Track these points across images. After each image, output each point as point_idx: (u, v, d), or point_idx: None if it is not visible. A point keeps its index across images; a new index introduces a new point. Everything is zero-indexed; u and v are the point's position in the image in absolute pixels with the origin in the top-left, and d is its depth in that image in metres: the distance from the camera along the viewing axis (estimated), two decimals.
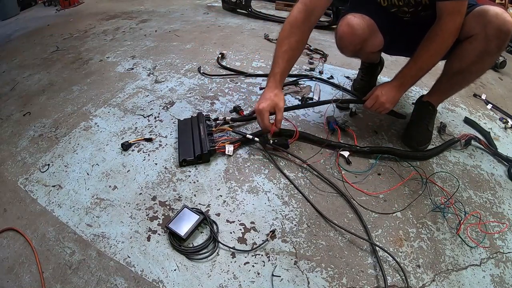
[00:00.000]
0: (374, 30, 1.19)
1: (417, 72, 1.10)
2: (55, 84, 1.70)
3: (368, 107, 1.20)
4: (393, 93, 1.14)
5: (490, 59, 1.07)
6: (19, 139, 1.33)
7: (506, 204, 1.09)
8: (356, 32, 1.15)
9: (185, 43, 2.14)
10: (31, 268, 0.86)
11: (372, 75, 1.57)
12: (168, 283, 0.83)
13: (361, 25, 1.15)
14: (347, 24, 1.15)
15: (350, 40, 1.18)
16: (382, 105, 1.16)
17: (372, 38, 1.20)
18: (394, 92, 1.14)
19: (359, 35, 1.16)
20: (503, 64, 2.01)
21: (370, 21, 1.17)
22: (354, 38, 1.17)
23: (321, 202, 1.04)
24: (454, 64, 1.12)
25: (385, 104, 1.15)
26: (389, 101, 1.15)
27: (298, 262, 0.89)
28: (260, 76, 1.71)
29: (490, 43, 1.00)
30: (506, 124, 1.48)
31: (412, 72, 1.11)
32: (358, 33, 1.15)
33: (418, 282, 0.85)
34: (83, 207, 1.02)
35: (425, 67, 1.08)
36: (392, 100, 1.15)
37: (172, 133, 1.31)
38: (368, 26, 1.17)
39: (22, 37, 2.45)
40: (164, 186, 1.09)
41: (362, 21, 1.15)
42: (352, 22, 1.14)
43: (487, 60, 1.06)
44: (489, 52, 1.02)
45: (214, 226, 0.96)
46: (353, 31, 1.15)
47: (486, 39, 0.99)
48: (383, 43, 1.24)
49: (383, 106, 1.16)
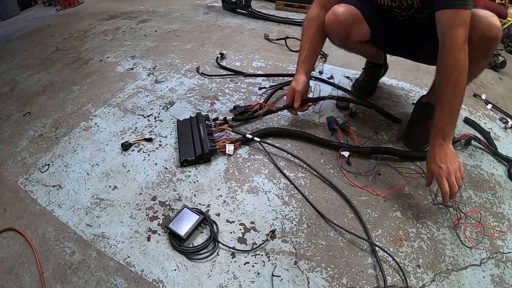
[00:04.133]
0: (359, 19, 1.22)
1: (451, 113, 0.96)
2: (55, 84, 1.71)
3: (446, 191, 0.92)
4: (445, 151, 0.96)
5: (477, 66, 1.02)
6: (19, 139, 1.33)
7: (506, 204, 1.09)
8: (339, 19, 1.19)
9: (185, 43, 2.14)
10: (31, 268, 0.86)
11: (375, 76, 1.58)
12: (168, 283, 0.83)
13: (345, 13, 1.18)
14: (332, 12, 1.20)
15: (334, 27, 1.21)
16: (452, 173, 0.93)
17: (357, 27, 1.23)
18: (445, 149, 0.96)
19: (342, 23, 1.19)
20: (503, 64, 2.00)
21: (355, 10, 1.21)
22: (338, 26, 1.20)
23: (321, 202, 1.04)
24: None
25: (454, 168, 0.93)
26: (452, 161, 0.95)
27: (298, 262, 0.89)
28: (259, 76, 1.71)
29: (474, 50, 0.94)
30: (506, 124, 1.48)
31: (445, 119, 0.96)
32: (341, 20, 1.18)
33: (418, 282, 0.85)
34: (83, 207, 1.02)
35: (455, 104, 0.95)
36: (453, 157, 0.96)
37: (172, 133, 1.31)
38: (352, 15, 1.20)
39: (22, 37, 2.45)
40: (164, 186, 1.09)
41: (346, 10, 1.19)
42: (336, 11, 1.19)
43: (475, 67, 0.98)
44: (475, 59, 0.95)
45: (214, 226, 0.96)
46: (336, 19, 1.19)
47: (470, 46, 0.92)
48: (369, 34, 1.26)
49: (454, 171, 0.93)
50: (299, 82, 1.26)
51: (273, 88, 1.58)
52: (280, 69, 1.81)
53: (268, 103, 1.40)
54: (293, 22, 2.54)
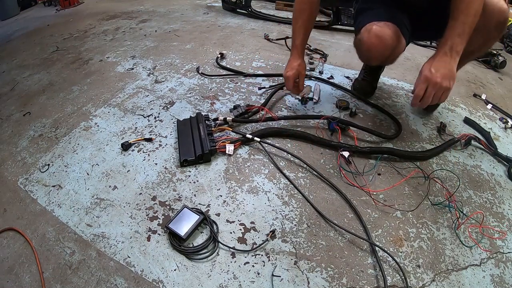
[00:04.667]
0: (399, 35, 1.14)
1: (463, 27, 0.91)
2: (55, 84, 1.70)
3: (419, 96, 0.91)
4: (446, 63, 0.90)
5: (494, 41, 1.17)
6: (19, 139, 1.33)
7: (506, 204, 1.09)
8: (386, 42, 1.10)
9: (185, 43, 2.14)
10: (31, 268, 0.86)
11: (374, 76, 1.58)
12: (168, 283, 0.83)
13: (389, 34, 1.09)
14: (376, 36, 1.10)
15: (381, 51, 1.13)
16: (437, 85, 0.90)
17: (400, 44, 1.16)
18: (446, 61, 0.91)
19: (390, 45, 1.11)
20: (503, 64, 2.00)
21: (394, 27, 1.12)
22: (385, 49, 1.12)
23: (321, 202, 1.04)
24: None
25: (441, 83, 0.89)
26: (445, 76, 0.89)
27: (298, 262, 0.89)
28: (259, 76, 1.71)
29: (491, 33, 1.09)
30: (506, 124, 1.48)
31: (456, 30, 0.91)
32: (388, 43, 1.10)
33: (418, 282, 0.85)
34: (83, 207, 1.02)
35: (470, 20, 0.91)
36: (450, 74, 0.90)
37: (172, 133, 1.31)
38: (394, 33, 1.11)
39: (22, 37, 2.45)
40: (164, 186, 1.09)
41: (388, 30, 1.10)
42: (380, 34, 1.09)
43: (491, 43, 1.17)
44: (492, 38, 1.13)
45: (214, 226, 0.96)
46: (383, 42, 1.10)
47: (488, 31, 1.07)
48: (405, 46, 1.22)
49: (439, 86, 0.90)
50: (302, 66, 1.29)
51: (273, 88, 1.57)
52: (280, 69, 1.81)
53: (268, 108, 1.40)
54: None
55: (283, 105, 1.49)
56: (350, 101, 1.51)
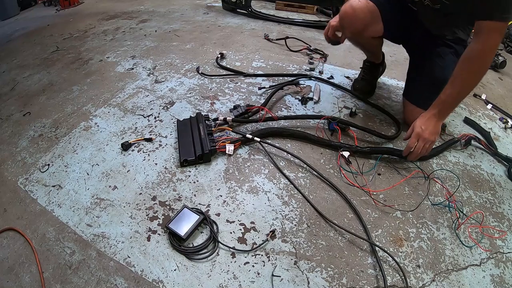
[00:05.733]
0: (376, 16, 1.21)
1: (457, 96, 1.04)
2: (55, 84, 1.70)
3: (411, 147, 1.09)
4: (433, 123, 1.08)
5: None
6: (19, 139, 1.33)
7: (506, 204, 1.09)
8: (358, 15, 1.18)
9: (185, 43, 2.14)
10: (31, 268, 0.86)
11: (373, 75, 1.58)
12: (168, 283, 0.83)
13: (364, 10, 1.17)
14: (350, 6, 1.18)
15: (352, 21, 1.20)
16: (426, 140, 1.07)
17: (374, 24, 1.22)
18: (434, 121, 1.08)
19: (361, 19, 1.18)
20: (503, 64, 2.00)
21: (373, 7, 1.19)
22: (355, 20, 1.20)
23: (321, 202, 1.04)
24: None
25: (429, 138, 1.07)
26: (432, 132, 1.07)
27: (298, 262, 0.89)
28: (259, 76, 1.71)
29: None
30: (506, 124, 1.48)
31: (451, 97, 1.04)
32: (360, 16, 1.18)
33: (418, 282, 0.85)
34: (83, 207, 1.02)
35: (465, 90, 1.03)
36: (435, 131, 1.08)
37: (172, 133, 1.31)
38: (370, 12, 1.18)
39: (22, 37, 2.44)
40: (164, 186, 1.09)
41: (365, 7, 1.17)
42: (356, 6, 1.17)
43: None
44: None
45: (214, 226, 0.96)
46: (355, 14, 1.17)
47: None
48: (382, 32, 1.26)
49: (427, 140, 1.07)
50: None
51: (273, 88, 1.57)
52: (280, 69, 1.81)
53: (268, 108, 1.40)
54: (293, 22, 2.54)
55: (283, 105, 1.49)
56: (350, 101, 1.51)
